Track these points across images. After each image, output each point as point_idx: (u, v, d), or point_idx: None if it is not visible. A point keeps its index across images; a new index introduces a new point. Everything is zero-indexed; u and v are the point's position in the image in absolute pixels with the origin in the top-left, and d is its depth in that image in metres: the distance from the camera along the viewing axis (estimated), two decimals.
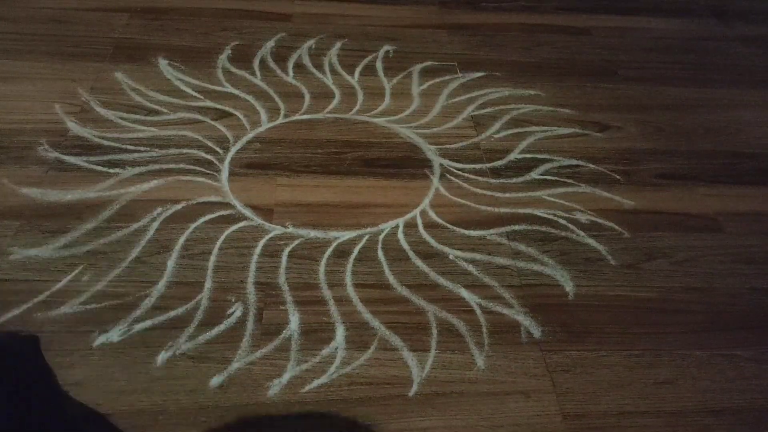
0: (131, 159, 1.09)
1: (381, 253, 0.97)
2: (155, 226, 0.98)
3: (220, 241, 0.96)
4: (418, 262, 0.96)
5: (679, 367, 0.86)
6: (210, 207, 1.02)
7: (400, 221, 1.03)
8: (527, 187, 1.12)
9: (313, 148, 1.16)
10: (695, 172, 1.20)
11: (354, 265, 0.95)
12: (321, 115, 1.25)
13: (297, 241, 0.98)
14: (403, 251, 0.98)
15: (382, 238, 1.00)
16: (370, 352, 0.83)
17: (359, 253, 0.97)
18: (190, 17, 1.52)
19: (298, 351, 0.83)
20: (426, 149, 1.19)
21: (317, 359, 0.82)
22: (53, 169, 1.06)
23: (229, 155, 1.13)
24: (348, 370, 0.81)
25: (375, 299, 0.90)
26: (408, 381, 0.81)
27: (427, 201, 1.07)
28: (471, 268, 0.96)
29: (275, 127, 1.21)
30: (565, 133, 1.26)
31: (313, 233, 0.99)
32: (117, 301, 0.86)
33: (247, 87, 1.30)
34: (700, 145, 1.28)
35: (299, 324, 0.86)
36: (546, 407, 0.79)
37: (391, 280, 0.93)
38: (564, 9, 1.73)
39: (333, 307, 0.89)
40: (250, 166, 1.11)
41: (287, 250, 0.96)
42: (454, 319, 0.89)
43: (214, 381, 0.79)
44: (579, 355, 0.86)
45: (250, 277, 0.91)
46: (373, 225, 1.02)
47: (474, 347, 0.85)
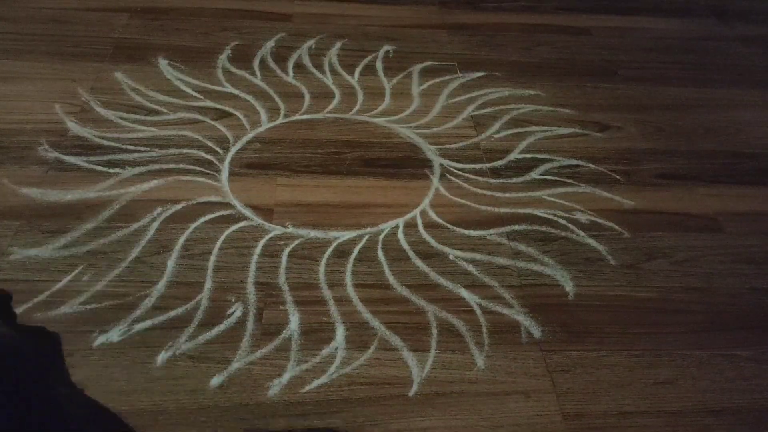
0: (131, 159, 1.09)
1: (381, 253, 0.97)
2: (155, 226, 0.98)
3: (220, 241, 0.96)
4: (418, 262, 0.96)
5: (679, 367, 0.86)
6: (210, 207, 1.02)
7: (400, 221, 1.03)
8: (527, 187, 1.12)
9: (313, 148, 1.16)
10: (695, 172, 1.20)
11: (354, 265, 0.95)
12: (321, 115, 1.25)
13: (297, 241, 0.98)
14: (403, 251, 0.98)
15: (382, 238, 1.00)
16: (370, 352, 0.83)
17: (359, 253, 0.97)
18: (190, 17, 1.52)
19: (298, 351, 0.83)
20: (426, 149, 1.19)
21: (317, 359, 0.82)
22: (53, 169, 1.06)
23: (229, 155, 1.13)
24: (348, 370, 0.81)
25: (375, 299, 0.90)
26: (408, 381, 0.81)
27: (427, 201, 1.07)
28: (471, 268, 0.96)
29: (275, 127, 1.21)
30: (565, 133, 1.26)
31: (313, 233, 0.99)
32: (117, 301, 0.86)
33: (247, 87, 1.30)
34: (700, 145, 1.28)
35: (299, 324, 0.86)
36: (546, 407, 0.79)
37: (391, 280, 0.93)
38: (564, 9, 1.73)
39: (333, 307, 0.89)
40: (250, 166, 1.11)
41: (287, 250, 0.96)
42: (454, 319, 0.89)
43: (214, 381, 0.79)
44: (579, 355, 0.86)
45: (250, 277, 0.91)
46: (373, 225, 1.02)
47: (474, 347, 0.85)
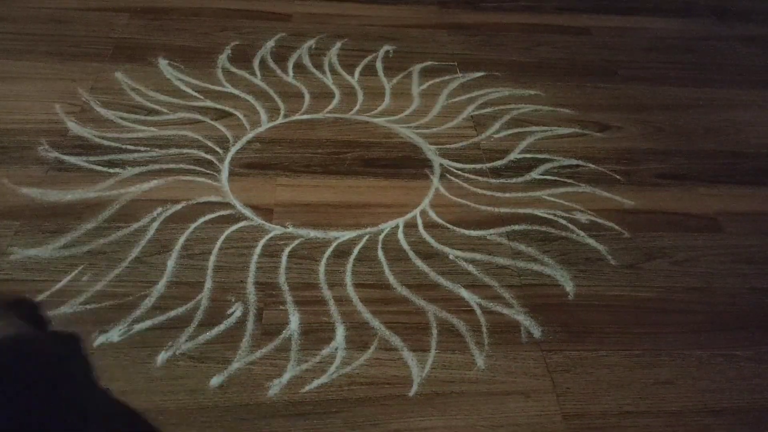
0: (131, 159, 1.09)
1: (381, 253, 0.97)
2: (155, 226, 0.98)
3: (220, 241, 0.96)
4: (418, 262, 0.96)
5: (679, 367, 0.86)
6: (210, 207, 1.02)
7: (400, 221, 1.03)
8: (527, 187, 1.12)
9: (313, 148, 1.16)
10: (695, 172, 1.20)
11: (354, 265, 0.95)
12: (321, 115, 1.25)
13: (297, 241, 0.98)
14: (403, 251, 0.98)
15: (382, 238, 1.00)
16: (370, 352, 0.83)
17: (359, 253, 0.97)
18: (190, 17, 1.52)
19: (298, 351, 0.83)
20: (426, 149, 1.19)
21: (317, 359, 0.82)
22: (53, 169, 1.06)
23: (229, 155, 1.13)
24: (348, 370, 0.81)
25: (375, 299, 0.90)
26: (408, 381, 0.81)
27: (427, 201, 1.07)
28: (471, 268, 0.96)
29: (275, 127, 1.21)
30: (565, 133, 1.26)
31: (313, 233, 0.99)
32: (117, 301, 0.86)
33: (247, 87, 1.30)
34: (700, 145, 1.28)
35: (299, 324, 0.86)
36: (546, 407, 0.79)
37: (391, 280, 0.93)
38: (564, 9, 1.73)
39: (333, 307, 0.89)
40: (250, 166, 1.11)
41: (287, 250, 0.96)
42: (454, 319, 0.89)
43: (214, 381, 0.79)
44: (579, 355, 0.86)
45: (250, 277, 0.91)
46: (373, 225, 1.02)
47: (474, 347, 0.85)
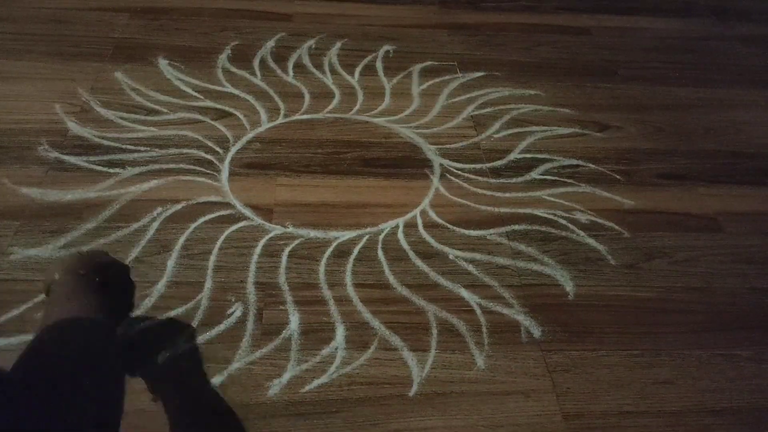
0: (131, 159, 1.09)
1: (381, 253, 0.97)
2: (155, 226, 0.98)
3: (220, 241, 0.96)
4: (418, 262, 0.96)
5: (679, 367, 0.86)
6: (210, 207, 1.02)
7: (400, 221, 1.03)
8: (527, 187, 1.12)
9: (313, 148, 1.16)
10: (695, 172, 1.20)
11: (354, 265, 0.95)
12: (321, 115, 1.25)
13: (297, 241, 0.98)
14: (403, 251, 0.98)
15: (382, 238, 1.00)
16: (370, 352, 0.83)
17: (359, 253, 0.97)
18: (190, 17, 1.52)
19: (298, 351, 0.83)
20: (426, 149, 1.19)
21: (317, 359, 0.82)
22: (53, 169, 1.06)
23: (229, 155, 1.13)
24: (348, 370, 0.81)
25: (375, 299, 0.90)
26: (408, 381, 0.81)
27: (427, 201, 1.07)
28: (471, 268, 0.96)
29: (275, 127, 1.21)
30: (565, 133, 1.26)
31: (313, 233, 0.99)
32: None
33: (247, 87, 1.30)
34: (700, 145, 1.28)
35: (299, 324, 0.86)
36: (546, 407, 0.79)
37: (391, 280, 0.93)
38: (564, 9, 1.73)
39: (333, 307, 0.89)
40: (250, 166, 1.11)
41: (287, 250, 0.96)
42: (454, 319, 0.89)
43: (214, 381, 0.79)
44: (579, 355, 0.86)
45: (250, 277, 0.91)
46: (373, 225, 1.02)
47: (474, 347, 0.85)
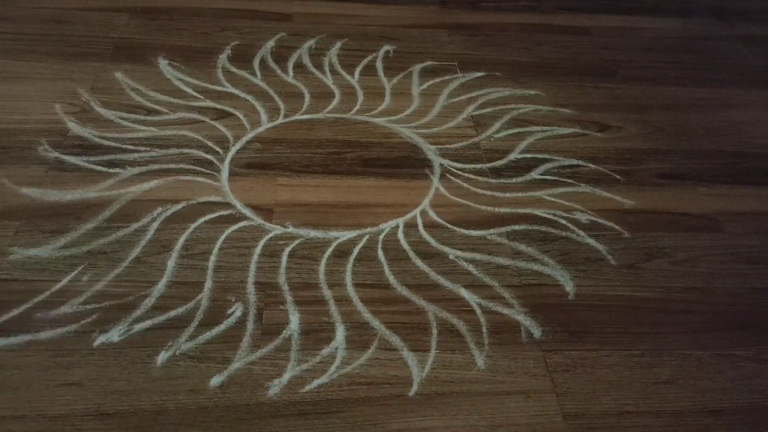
0: (131, 159, 1.09)
1: (381, 253, 0.97)
2: (155, 226, 0.98)
3: (220, 241, 0.96)
4: (418, 262, 0.96)
5: (679, 367, 0.86)
6: (210, 207, 1.02)
7: (400, 221, 1.03)
8: (527, 187, 1.12)
9: (313, 148, 1.16)
10: (695, 172, 1.20)
11: (354, 265, 0.95)
12: (321, 115, 1.25)
13: (297, 241, 0.98)
14: (403, 251, 0.98)
15: (382, 238, 1.00)
16: (370, 352, 0.83)
17: (359, 253, 0.97)
18: (190, 17, 1.52)
19: (298, 351, 0.83)
20: (426, 149, 1.19)
21: (317, 359, 0.82)
22: (53, 169, 1.06)
23: (229, 155, 1.13)
24: (348, 370, 0.81)
25: (375, 299, 0.90)
26: (408, 381, 0.81)
27: (427, 201, 1.07)
28: (471, 268, 0.96)
29: (275, 127, 1.21)
30: (565, 133, 1.26)
31: (313, 233, 0.99)
32: (117, 301, 0.86)
33: (247, 87, 1.30)
34: (700, 145, 1.28)
35: (299, 324, 0.86)
36: (546, 407, 0.79)
37: (391, 280, 0.93)
38: (564, 9, 1.73)
39: (333, 307, 0.89)
40: (250, 166, 1.11)
41: (287, 250, 0.96)
42: (454, 319, 0.89)
43: (214, 381, 0.79)
44: (579, 355, 0.86)
45: (250, 277, 0.91)
46: (373, 225, 1.02)
47: (474, 347, 0.85)
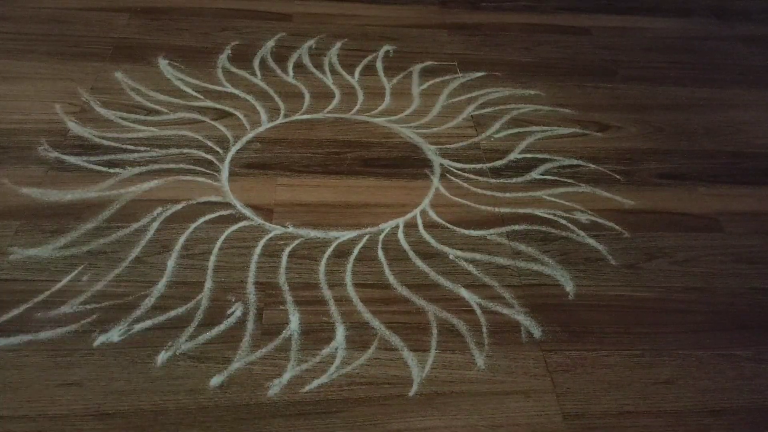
0: (131, 159, 1.09)
1: (381, 253, 0.97)
2: (155, 226, 0.98)
3: (220, 241, 0.96)
4: (418, 262, 0.96)
5: (679, 367, 0.86)
6: (210, 207, 1.02)
7: (400, 221, 1.03)
8: (527, 187, 1.12)
9: (313, 148, 1.16)
10: (695, 172, 1.20)
11: (354, 265, 0.95)
12: (321, 115, 1.25)
13: (297, 241, 0.98)
14: (403, 251, 0.98)
15: (382, 238, 1.00)
16: (370, 352, 0.83)
17: (359, 253, 0.97)
18: (190, 17, 1.52)
19: (298, 351, 0.83)
20: (426, 149, 1.19)
21: (317, 359, 0.82)
22: (53, 169, 1.06)
23: (229, 155, 1.13)
24: (348, 370, 0.81)
25: (375, 299, 0.90)
26: (408, 381, 0.81)
27: (427, 201, 1.07)
28: (471, 268, 0.96)
29: (275, 126, 1.21)
30: (565, 133, 1.26)
31: (313, 233, 0.99)
32: (117, 301, 0.86)
33: (247, 87, 1.30)
34: (700, 145, 1.28)
35: (299, 324, 0.86)
36: (546, 407, 0.79)
37: (391, 280, 0.93)
38: (564, 9, 1.73)
39: (333, 307, 0.89)
40: (250, 166, 1.11)
41: (287, 250, 0.96)
42: (454, 319, 0.89)
43: (214, 381, 0.79)
44: (579, 355, 0.86)
45: (250, 277, 0.91)
46: (373, 225, 1.02)
47: (474, 347, 0.85)
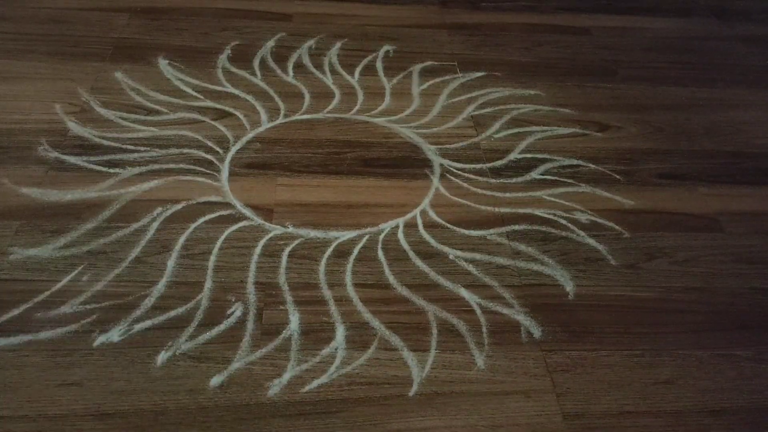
0: (131, 159, 1.09)
1: (381, 253, 0.97)
2: (155, 226, 0.98)
3: (220, 241, 0.96)
4: (418, 262, 0.96)
5: (679, 367, 0.86)
6: (210, 207, 1.02)
7: (400, 221, 1.03)
8: (527, 187, 1.12)
9: (313, 148, 1.16)
10: (695, 172, 1.20)
11: (354, 265, 0.95)
12: (321, 115, 1.25)
13: (297, 241, 0.98)
14: (403, 251, 0.98)
15: (382, 238, 1.00)
16: (370, 352, 0.83)
17: (359, 253, 0.97)
18: (190, 17, 1.52)
19: (298, 351, 0.83)
20: (426, 149, 1.19)
21: (317, 359, 0.82)
22: (53, 169, 1.06)
23: (229, 155, 1.13)
24: (348, 370, 0.81)
25: (375, 299, 0.90)
26: (408, 381, 0.81)
27: (427, 201, 1.07)
28: (471, 268, 0.96)
29: (275, 126, 1.21)
30: (565, 133, 1.26)
31: (313, 233, 0.99)
32: (117, 301, 0.86)
33: (247, 87, 1.30)
34: (700, 145, 1.28)
35: (299, 324, 0.86)
36: (546, 407, 0.79)
37: (391, 280, 0.93)
38: (564, 9, 1.73)
39: (333, 307, 0.89)
40: (250, 166, 1.11)
41: (287, 250, 0.96)
42: (454, 319, 0.89)
43: (214, 381, 0.79)
44: (579, 355, 0.86)
45: (250, 277, 0.91)
46: (373, 225, 1.02)
47: (474, 347, 0.85)
